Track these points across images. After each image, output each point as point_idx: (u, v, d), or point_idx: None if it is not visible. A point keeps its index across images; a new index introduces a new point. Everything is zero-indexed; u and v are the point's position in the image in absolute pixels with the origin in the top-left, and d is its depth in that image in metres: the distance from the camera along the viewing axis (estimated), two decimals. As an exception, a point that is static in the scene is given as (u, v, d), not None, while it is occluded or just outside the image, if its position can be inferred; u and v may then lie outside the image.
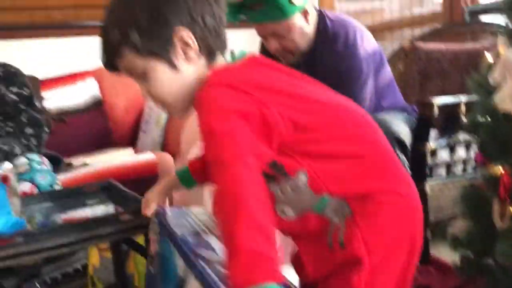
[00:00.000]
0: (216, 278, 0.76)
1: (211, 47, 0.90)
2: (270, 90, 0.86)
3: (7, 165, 1.20)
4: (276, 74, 0.93)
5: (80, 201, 1.51)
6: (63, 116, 2.48)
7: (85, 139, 2.50)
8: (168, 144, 2.30)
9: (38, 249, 1.06)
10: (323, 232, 0.88)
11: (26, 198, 1.44)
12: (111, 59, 0.91)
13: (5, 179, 1.12)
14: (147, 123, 2.42)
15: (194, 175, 1.09)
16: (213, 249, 0.86)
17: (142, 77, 0.89)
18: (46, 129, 1.91)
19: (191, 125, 2.23)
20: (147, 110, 2.45)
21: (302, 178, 0.86)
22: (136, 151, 2.33)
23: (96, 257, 1.71)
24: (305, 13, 1.52)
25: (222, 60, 0.94)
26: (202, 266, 0.80)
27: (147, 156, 2.15)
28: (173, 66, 0.87)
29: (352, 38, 1.55)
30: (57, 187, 1.75)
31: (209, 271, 0.78)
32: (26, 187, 1.63)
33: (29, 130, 1.83)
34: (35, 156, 1.77)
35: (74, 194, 1.54)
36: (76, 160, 2.12)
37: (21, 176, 1.57)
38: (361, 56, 1.53)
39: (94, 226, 1.16)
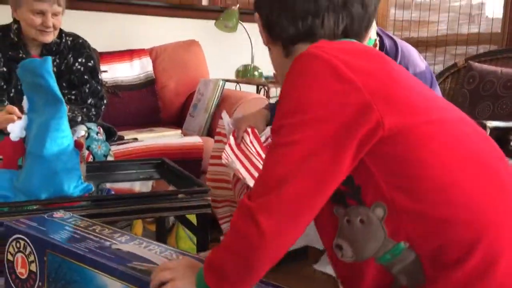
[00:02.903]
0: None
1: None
2: (374, 79, 0.69)
3: (82, 132, 1.28)
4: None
5: (135, 175, 1.60)
6: (117, 90, 2.58)
7: (134, 114, 2.59)
8: (214, 130, 2.36)
9: (104, 214, 1.14)
10: None
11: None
12: None
13: (79, 145, 1.21)
14: (195, 108, 2.50)
15: None
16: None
17: None
18: (105, 101, 2.00)
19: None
20: (197, 95, 2.52)
21: (378, 212, 0.69)
22: (181, 133, 2.41)
23: (140, 228, 1.80)
24: (374, 46, 1.60)
25: None
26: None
27: (194, 140, 2.22)
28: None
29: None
30: (110, 158, 1.84)
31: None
32: (85, 154, 1.72)
33: (90, 100, 1.92)
34: (93, 126, 1.86)
35: (129, 167, 1.63)
36: (127, 134, 2.21)
37: (81, 143, 1.66)
38: None
39: (153, 200, 1.24)
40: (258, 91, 2.85)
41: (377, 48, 1.60)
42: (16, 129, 1.18)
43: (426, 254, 0.66)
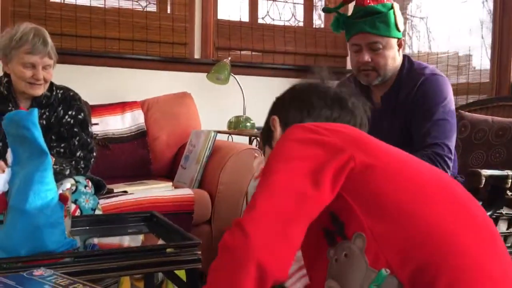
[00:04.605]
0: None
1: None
2: (346, 135, 0.82)
3: (67, 184, 1.25)
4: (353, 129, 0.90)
5: (123, 229, 1.55)
6: (108, 142, 2.56)
7: (125, 167, 2.55)
8: (205, 182, 2.33)
9: (87, 271, 1.09)
10: None
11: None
12: None
13: (63, 198, 1.16)
14: (186, 159, 2.47)
15: None
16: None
17: None
18: (95, 154, 1.97)
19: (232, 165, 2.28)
20: (189, 146, 2.50)
21: (358, 242, 0.73)
22: (172, 185, 2.36)
23: (127, 284, 1.72)
24: (400, 44, 1.67)
25: None
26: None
27: (185, 192, 2.18)
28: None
29: (438, 72, 1.69)
30: (98, 212, 1.79)
31: None
32: (71, 208, 1.67)
33: (79, 153, 1.90)
34: (81, 179, 1.82)
35: (117, 221, 1.57)
36: (117, 187, 2.16)
37: (68, 197, 1.61)
38: (447, 87, 1.65)
39: (139, 255, 1.19)
40: (250, 142, 2.84)
41: (402, 49, 1.68)
42: (-2, 183, 1.14)
43: (406, 279, 0.69)
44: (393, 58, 1.66)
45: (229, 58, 2.91)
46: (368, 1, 1.61)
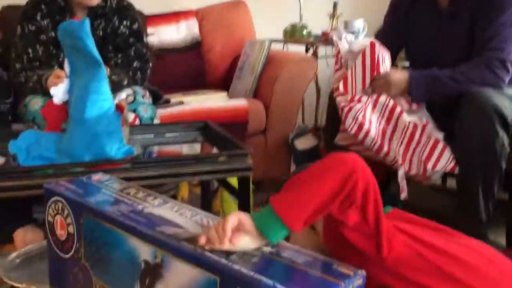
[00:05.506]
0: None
1: None
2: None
3: (123, 95, 1.28)
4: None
5: (179, 138, 1.60)
6: (163, 53, 2.57)
7: (180, 77, 2.58)
8: (259, 93, 2.32)
9: (144, 176, 1.14)
10: None
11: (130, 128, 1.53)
12: None
13: (120, 108, 1.20)
14: (241, 70, 2.45)
15: None
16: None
17: None
18: (150, 64, 1.99)
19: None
20: (243, 57, 2.47)
21: None
22: (227, 95, 2.38)
23: (186, 190, 1.81)
24: None
25: None
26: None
27: (240, 102, 2.19)
28: None
29: None
30: (156, 121, 1.85)
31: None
32: (130, 117, 1.73)
33: (135, 64, 1.92)
34: (139, 89, 1.86)
35: (174, 130, 1.63)
36: (173, 97, 2.21)
37: (126, 107, 1.66)
38: None
39: (194, 163, 1.23)
40: (306, 51, 2.76)
41: None
42: (58, 93, 1.19)
43: None
44: None
45: (285, -38, 2.75)
46: None
